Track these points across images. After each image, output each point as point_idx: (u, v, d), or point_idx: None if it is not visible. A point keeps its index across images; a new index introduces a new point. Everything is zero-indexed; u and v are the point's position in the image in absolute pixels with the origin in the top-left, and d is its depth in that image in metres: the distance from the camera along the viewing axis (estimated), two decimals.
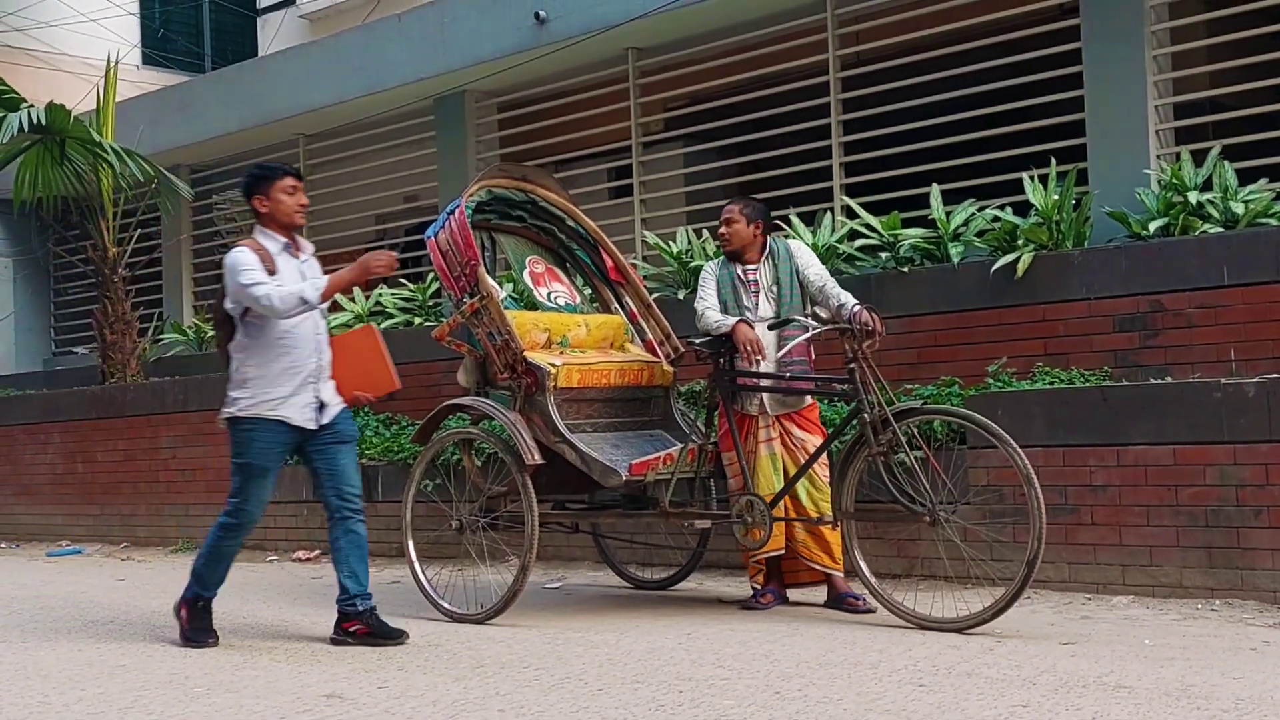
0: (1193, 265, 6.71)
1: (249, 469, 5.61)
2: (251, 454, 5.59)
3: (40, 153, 11.27)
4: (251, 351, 5.58)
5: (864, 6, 9.06)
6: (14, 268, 15.13)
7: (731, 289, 6.23)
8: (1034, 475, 5.24)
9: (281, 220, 5.65)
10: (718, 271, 6.35)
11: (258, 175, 5.70)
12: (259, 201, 5.63)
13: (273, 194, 5.62)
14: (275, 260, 5.56)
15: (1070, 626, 5.46)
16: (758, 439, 6.11)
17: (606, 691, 4.47)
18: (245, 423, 5.58)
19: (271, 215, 5.63)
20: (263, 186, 5.63)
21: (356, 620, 5.66)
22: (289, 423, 5.58)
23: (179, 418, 10.40)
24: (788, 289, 6.16)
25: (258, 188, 5.64)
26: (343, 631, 5.67)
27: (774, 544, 6.03)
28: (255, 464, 5.60)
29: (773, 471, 6.04)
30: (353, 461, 5.80)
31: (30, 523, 11.78)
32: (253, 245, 5.58)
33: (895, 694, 4.26)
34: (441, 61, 10.73)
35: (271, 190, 5.62)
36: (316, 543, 9.37)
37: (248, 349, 5.59)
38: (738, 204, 6.39)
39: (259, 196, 5.63)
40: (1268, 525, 5.70)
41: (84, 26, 15.80)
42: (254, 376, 5.57)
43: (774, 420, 6.10)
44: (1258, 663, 4.63)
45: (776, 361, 6.08)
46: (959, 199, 8.08)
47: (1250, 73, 7.59)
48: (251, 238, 5.67)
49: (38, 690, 4.85)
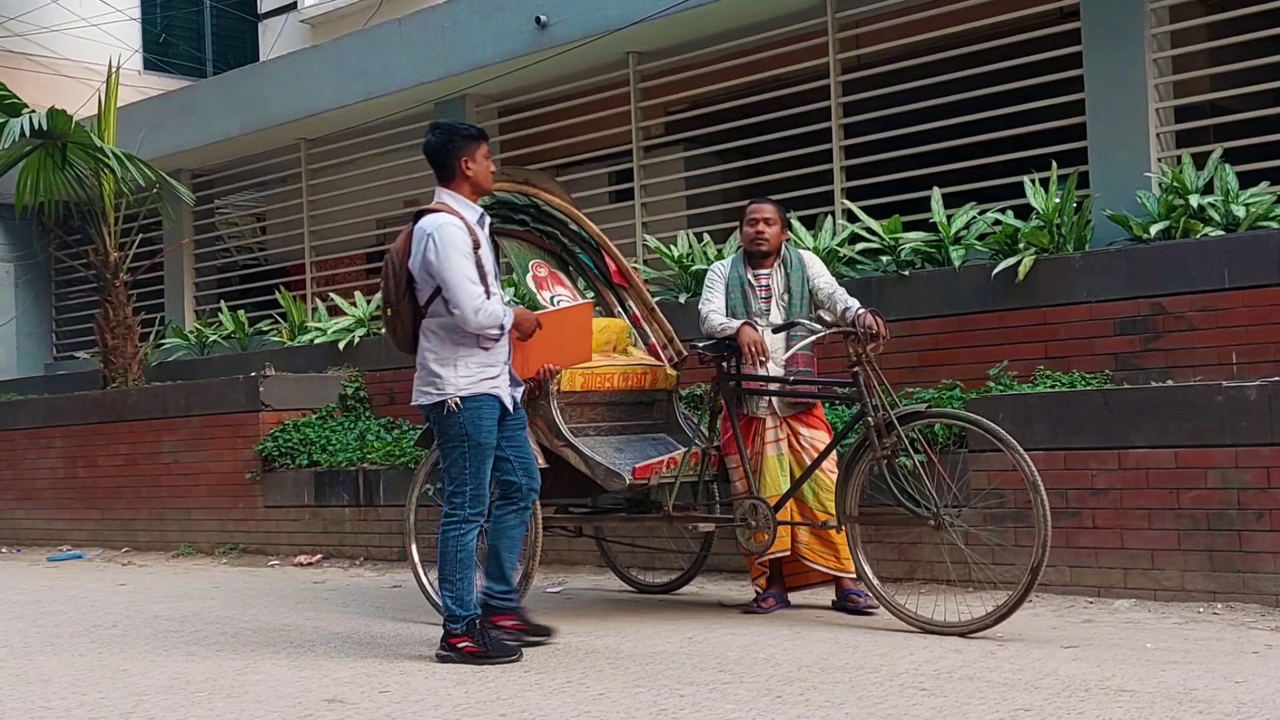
0: (1194, 268, 6.72)
1: (481, 450, 5.22)
2: (482, 433, 5.20)
3: (42, 158, 11.28)
4: (455, 330, 5.19)
5: (864, 10, 9.06)
6: (15, 272, 15.13)
7: (740, 293, 6.22)
8: (1040, 482, 5.23)
9: (483, 186, 5.33)
10: (726, 274, 6.32)
11: (463, 133, 5.30)
12: (465, 163, 5.25)
13: (477, 157, 5.29)
14: (477, 234, 5.22)
15: (1072, 630, 5.45)
16: (764, 440, 6.10)
17: (608, 695, 4.47)
18: (471, 401, 5.19)
19: (474, 179, 5.28)
20: (469, 147, 5.26)
21: (511, 615, 5.43)
22: (503, 401, 5.32)
23: (180, 422, 10.41)
24: (798, 298, 6.15)
25: (464, 148, 5.26)
26: (494, 627, 5.33)
27: (779, 545, 6.02)
28: (486, 443, 5.22)
29: (779, 473, 6.03)
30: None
31: (31, 527, 11.78)
32: (458, 217, 5.17)
33: (897, 698, 4.26)
34: (442, 66, 10.74)
35: (476, 152, 5.28)
36: (319, 547, 9.38)
37: (450, 328, 5.20)
38: (772, 205, 6.30)
39: (465, 158, 5.25)
40: (1269, 528, 5.69)
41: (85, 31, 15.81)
42: (465, 355, 5.21)
43: (782, 421, 6.11)
44: (1260, 666, 4.62)
45: (783, 365, 6.08)
46: (960, 202, 8.09)
47: (1251, 76, 7.59)
48: (449, 205, 5.23)
49: (39, 695, 4.85)
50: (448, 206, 5.24)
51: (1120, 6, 7.74)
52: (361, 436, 9.61)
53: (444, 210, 5.22)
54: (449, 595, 5.25)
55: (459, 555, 5.24)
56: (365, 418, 10.06)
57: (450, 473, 5.28)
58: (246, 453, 9.85)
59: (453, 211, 5.21)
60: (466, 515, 5.26)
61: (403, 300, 5.29)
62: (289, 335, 11.48)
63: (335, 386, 10.21)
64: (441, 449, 5.32)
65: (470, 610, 5.25)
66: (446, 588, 5.26)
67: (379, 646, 5.68)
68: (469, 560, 5.27)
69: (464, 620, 5.22)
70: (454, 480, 5.26)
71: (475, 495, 5.25)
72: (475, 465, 5.24)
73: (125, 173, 10.98)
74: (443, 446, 5.29)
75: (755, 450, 6.11)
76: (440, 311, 5.21)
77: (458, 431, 5.21)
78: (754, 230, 6.22)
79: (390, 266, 5.31)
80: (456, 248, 5.11)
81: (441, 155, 5.30)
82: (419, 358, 5.34)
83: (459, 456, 5.23)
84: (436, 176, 5.37)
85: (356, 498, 9.14)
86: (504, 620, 5.41)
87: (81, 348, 14.46)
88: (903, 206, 8.44)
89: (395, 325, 5.39)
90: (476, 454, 5.23)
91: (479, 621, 5.25)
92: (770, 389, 6.08)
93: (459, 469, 5.24)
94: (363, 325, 10.63)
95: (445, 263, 5.09)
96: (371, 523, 9.08)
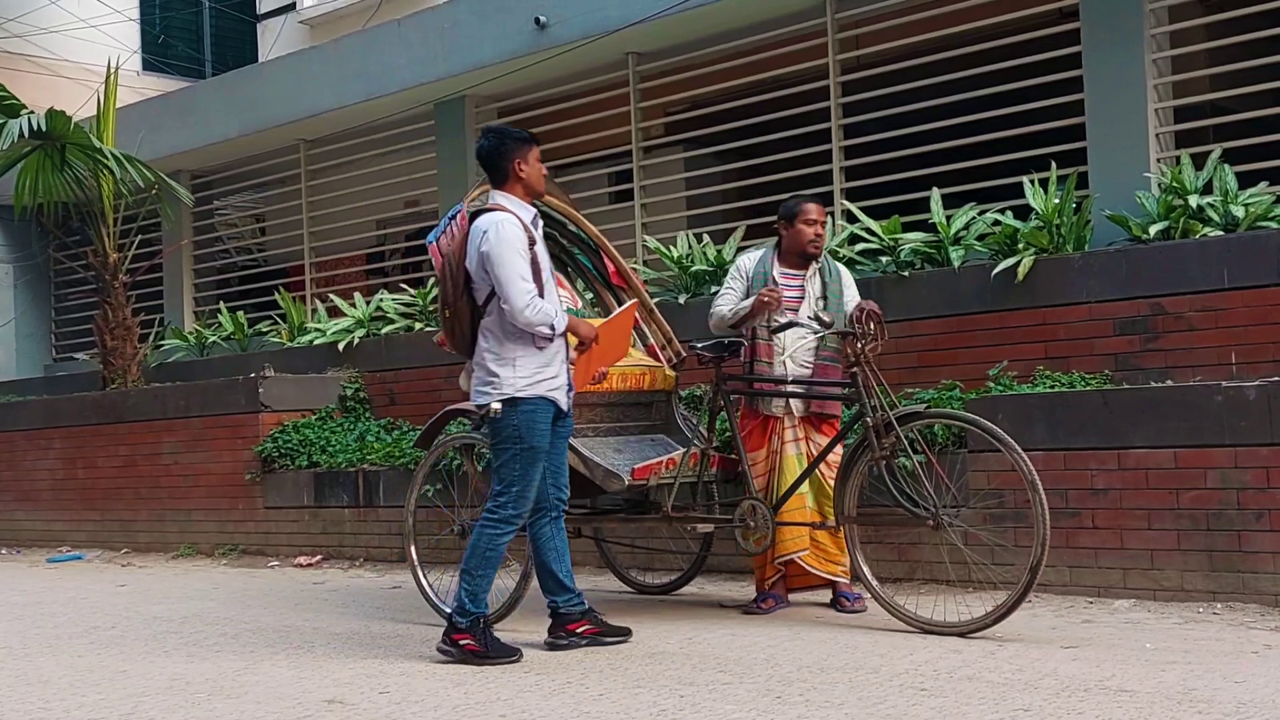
0: (1193, 268, 6.72)
1: (533, 453, 5.25)
2: (535, 436, 5.23)
3: (41, 159, 11.27)
4: (512, 330, 5.23)
5: (864, 10, 9.06)
6: (15, 274, 15.13)
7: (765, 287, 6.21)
8: (1039, 481, 5.23)
9: (535, 187, 5.44)
10: (752, 270, 6.28)
11: (515, 136, 5.40)
12: (518, 165, 5.36)
13: (530, 160, 5.40)
14: (532, 232, 5.31)
15: (1072, 630, 5.45)
16: (783, 439, 6.11)
17: (608, 696, 4.47)
18: (526, 403, 5.22)
19: (527, 181, 5.39)
20: (521, 150, 5.37)
21: (584, 620, 5.45)
22: (558, 405, 5.35)
23: (180, 423, 10.41)
24: (835, 308, 6.14)
25: (516, 151, 5.37)
26: (568, 634, 5.39)
27: (797, 545, 6.04)
28: (539, 446, 5.26)
29: (799, 471, 6.04)
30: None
31: (31, 528, 11.79)
32: (514, 217, 5.26)
33: (897, 698, 4.26)
34: (442, 66, 10.74)
35: (528, 155, 5.39)
36: (318, 548, 9.38)
37: (508, 330, 5.24)
38: (820, 205, 6.31)
39: (518, 160, 5.36)
40: (1269, 528, 5.69)
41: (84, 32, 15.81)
42: (523, 355, 5.23)
43: (800, 421, 6.12)
44: (1260, 666, 4.62)
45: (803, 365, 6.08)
46: (959, 203, 8.09)
47: (1250, 76, 7.59)
48: (504, 205, 5.33)
49: (38, 696, 4.85)
50: (503, 207, 5.31)
51: (1119, 7, 7.75)
52: (361, 437, 9.61)
53: (500, 210, 5.28)
54: (465, 588, 5.26)
55: (488, 553, 5.27)
56: (365, 419, 10.06)
57: (500, 473, 5.30)
58: (246, 454, 9.85)
59: (508, 211, 5.28)
60: (507, 515, 5.28)
61: (461, 300, 5.31)
62: (288, 336, 11.48)
63: (335, 387, 10.21)
64: (493, 449, 5.35)
65: (480, 609, 5.27)
66: (465, 580, 5.27)
67: (379, 647, 5.68)
68: (496, 560, 5.31)
69: (472, 616, 5.24)
70: (502, 480, 5.29)
71: (520, 496, 5.28)
72: (525, 467, 5.26)
73: (124, 174, 10.98)
74: (494, 447, 5.32)
75: (774, 449, 6.13)
76: (496, 310, 5.26)
77: (511, 433, 5.24)
78: (813, 231, 6.18)
79: (447, 268, 5.33)
80: (511, 244, 5.16)
81: (495, 158, 5.38)
82: (477, 357, 5.36)
83: (510, 458, 5.26)
84: (490, 179, 5.48)
85: (356, 499, 9.14)
86: (579, 626, 5.44)
87: (81, 349, 14.46)
88: (902, 207, 8.45)
89: (454, 327, 5.38)
90: (527, 456, 5.25)
91: (484, 621, 5.27)
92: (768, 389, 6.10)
93: (509, 470, 5.26)
94: (362, 326, 10.63)
95: (499, 258, 5.14)
96: (371, 524, 9.08)
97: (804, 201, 6.28)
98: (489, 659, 5.15)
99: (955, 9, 8.66)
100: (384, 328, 10.52)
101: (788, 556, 6.09)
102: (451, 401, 6.78)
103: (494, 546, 5.27)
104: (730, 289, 6.31)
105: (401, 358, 10.11)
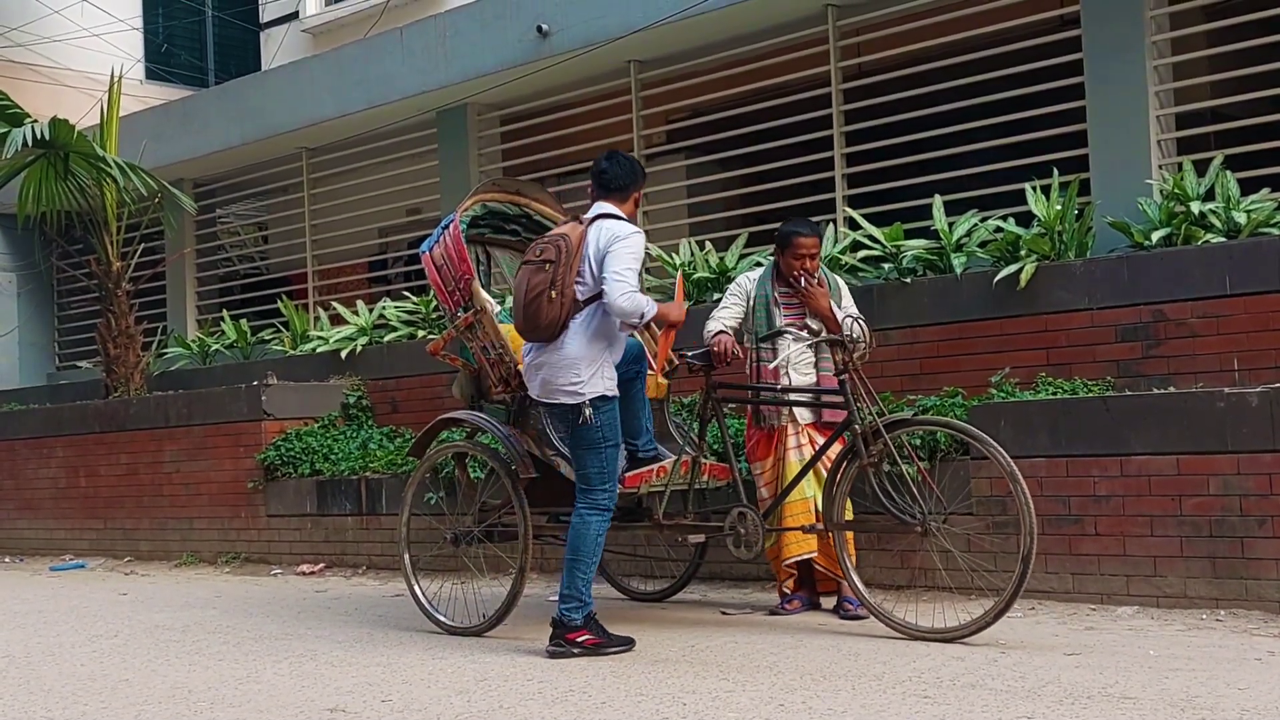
0: (1195, 275, 6.71)
1: (616, 447, 5.62)
2: (616, 431, 5.60)
3: (44, 167, 11.29)
4: (602, 331, 5.54)
5: (866, 18, 9.07)
6: (18, 282, 15.14)
7: (766, 311, 6.23)
8: (1019, 472, 5.26)
9: (634, 220, 5.77)
10: (751, 290, 6.34)
11: (643, 173, 5.83)
12: (637, 197, 5.79)
13: (639, 199, 5.85)
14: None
15: (1074, 637, 5.45)
16: (786, 446, 6.16)
17: (610, 704, 4.46)
18: (609, 400, 5.55)
19: (632, 213, 5.75)
20: (642, 186, 5.81)
21: (584, 629, 5.48)
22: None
23: (182, 432, 10.41)
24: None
25: (640, 185, 5.80)
26: (568, 643, 5.44)
27: (806, 548, 6.06)
28: (618, 441, 5.64)
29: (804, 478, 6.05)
30: None
31: (33, 537, 11.79)
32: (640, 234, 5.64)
33: (899, 706, 4.25)
34: (443, 75, 10.75)
35: (641, 194, 5.86)
36: (321, 556, 9.38)
37: (598, 329, 5.54)
38: (817, 236, 6.30)
39: (638, 193, 5.79)
40: (1272, 535, 5.68)
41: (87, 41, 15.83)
42: (602, 355, 5.55)
43: (803, 429, 6.14)
44: (1263, 673, 4.62)
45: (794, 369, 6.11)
46: (961, 210, 8.09)
47: (1252, 82, 7.59)
48: (625, 222, 5.66)
49: (40, 705, 4.85)
50: (619, 217, 5.64)
51: (1121, 14, 7.75)
52: (364, 445, 9.61)
53: (626, 222, 5.63)
54: (580, 579, 5.46)
55: (597, 539, 5.53)
56: (367, 426, 10.06)
57: (590, 471, 5.54)
58: (249, 462, 9.85)
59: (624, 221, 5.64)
60: (607, 505, 5.57)
61: (570, 288, 5.48)
62: (291, 344, 11.49)
63: (337, 395, 10.21)
64: (580, 449, 5.56)
65: (592, 601, 5.49)
66: (579, 572, 5.47)
67: (381, 656, 5.68)
68: (601, 549, 5.58)
69: (587, 609, 5.45)
70: (598, 475, 5.54)
71: (613, 489, 5.61)
72: (611, 458, 5.57)
73: (127, 182, 10.99)
74: (583, 447, 5.55)
75: (778, 457, 6.17)
76: (594, 312, 5.52)
77: (597, 435, 5.51)
78: (799, 265, 6.21)
79: (563, 253, 5.49)
80: (634, 251, 5.48)
81: (624, 181, 5.71)
82: (560, 356, 5.50)
83: (598, 453, 5.53)
84: (603, 194, 5.71)
85: (359, 507, 9.13)
86: (579, 635, 5.47)
87: (84, 357, 14.47)
88: (904, 214, 8.45)
89: (551, 311, 5.46)
90: (614, 452, 5.59)
91: (593, 612, 5.50)
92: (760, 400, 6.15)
93: (603, 462, 5.54)
94: (365, 334, 10.63)
95: (617, 255, 5.43)
96: (374, 531, 9.07)
97: (797, 235, 6.24)
98: (609, 648, 5.40)
99: (957, 16, 8.67)
100: (386, 336, 10.52)
101: (796, 559, 6.10)
102: (452, 409, 6.79)
103: (601, 533, 5.55)
104: (727, 306, 6.35)
105: (404, 366, 10.11)
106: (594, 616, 5.47)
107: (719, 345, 6.06)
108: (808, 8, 9.13)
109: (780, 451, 6.17)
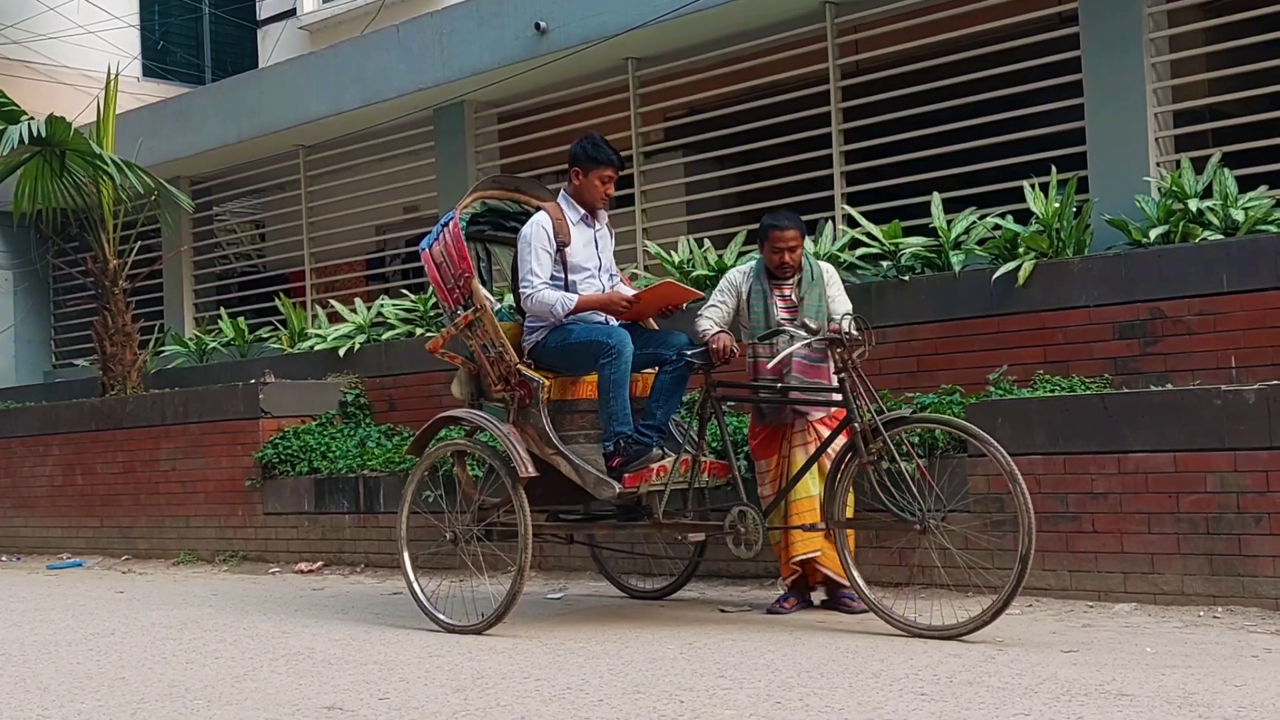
0: (1193, 272, 6.72)
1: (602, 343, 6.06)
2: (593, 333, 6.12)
3: (40, 165, 11.28)
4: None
5: (864, 15, 9.06)
6: (14, 280, 15.13)
7: (764, 305, 6.22)
8: (1018, 471, 5.26)
9: (586, 200, 6.16)
10: (742, 285, 6.32)
11: (590, 154, 6.11)
12: (576, 174, 6.13)
13: (590, 175, 6.12)
14: (571, 229, 6.10)
15: (1072, 634, 5.45)
16: (792, 444, 6.16)
17: (607, 702, 4.46)
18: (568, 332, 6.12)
19: (579, 191, 6.15)
20: (587, 165, 6.11)
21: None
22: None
23: (179, 430, 10.40)
24: (813, 309, 6.16)
25: (583, 162, 6.12)
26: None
27: (811, 546, 6.06)
28: (597, 338, 6.08)
29: (809, 474, 6.05)
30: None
31: (30, 535, 11.78)
32: (554, 211, 6.11)
33: (897, 703, 4.25)
34: (440, 72, 10.74)
35: (591, 171, 6.12)
36: (319, 554, 9.37)
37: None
38: (796, 228, 6.25)
39: (578, 169, 6.12)
40: (1269, 532, 5.68)
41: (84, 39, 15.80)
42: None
43: (808, 425, 6.14)
44: (1260, 670, 4.62)
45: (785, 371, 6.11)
46: (960, 207, 8.09)
47: (1250, 80, 7.59)
48: (555, 201, 6.21)
49: (37, 703, 4.85)
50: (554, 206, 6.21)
51: (1119, 11, 7.75)
52: (361, 443, 9.60)
53: (545, 210, 6.18)
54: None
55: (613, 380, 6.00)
56: (365, 425, 10.05)
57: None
58: (246, 460, 9.84)
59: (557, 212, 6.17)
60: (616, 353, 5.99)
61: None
62: (289, 342, 11.47)
63: (335, 393, 10.21)
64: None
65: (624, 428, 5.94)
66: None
67: (378, 653, 5.67)
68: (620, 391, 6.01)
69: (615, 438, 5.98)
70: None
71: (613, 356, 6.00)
72: (602, 345, 6.02)
73: (124, 180, 10.98)
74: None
75: (784, 454, 6.18)
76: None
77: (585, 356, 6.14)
78: (779, 259, 6.21)
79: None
80: (532, 245, 6.08)
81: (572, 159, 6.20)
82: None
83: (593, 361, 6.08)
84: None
85: (356, 505, 9.13)
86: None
87: (80, 355, 14.46)
88: (903, 211, 8.45)
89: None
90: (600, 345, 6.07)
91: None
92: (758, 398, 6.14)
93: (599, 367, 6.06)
94: (363, 332, 10.63)
95: (522, 257, 6.09)
96: (371, 530, 9.07)
97: (775, 228, 6.22)
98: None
99: (954, 14, 8.67)
100: (384, 334, 10.51)
101: (802, 557, 6.10)
102: (450, 408, 6.78)
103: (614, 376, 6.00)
104: (716, 304, 6.32)
105: (402, 363, 10.10)
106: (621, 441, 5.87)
107: (717, 344, 6.04)
108: (806, 5, 9.13)
109: (785, 449, 6.17)
